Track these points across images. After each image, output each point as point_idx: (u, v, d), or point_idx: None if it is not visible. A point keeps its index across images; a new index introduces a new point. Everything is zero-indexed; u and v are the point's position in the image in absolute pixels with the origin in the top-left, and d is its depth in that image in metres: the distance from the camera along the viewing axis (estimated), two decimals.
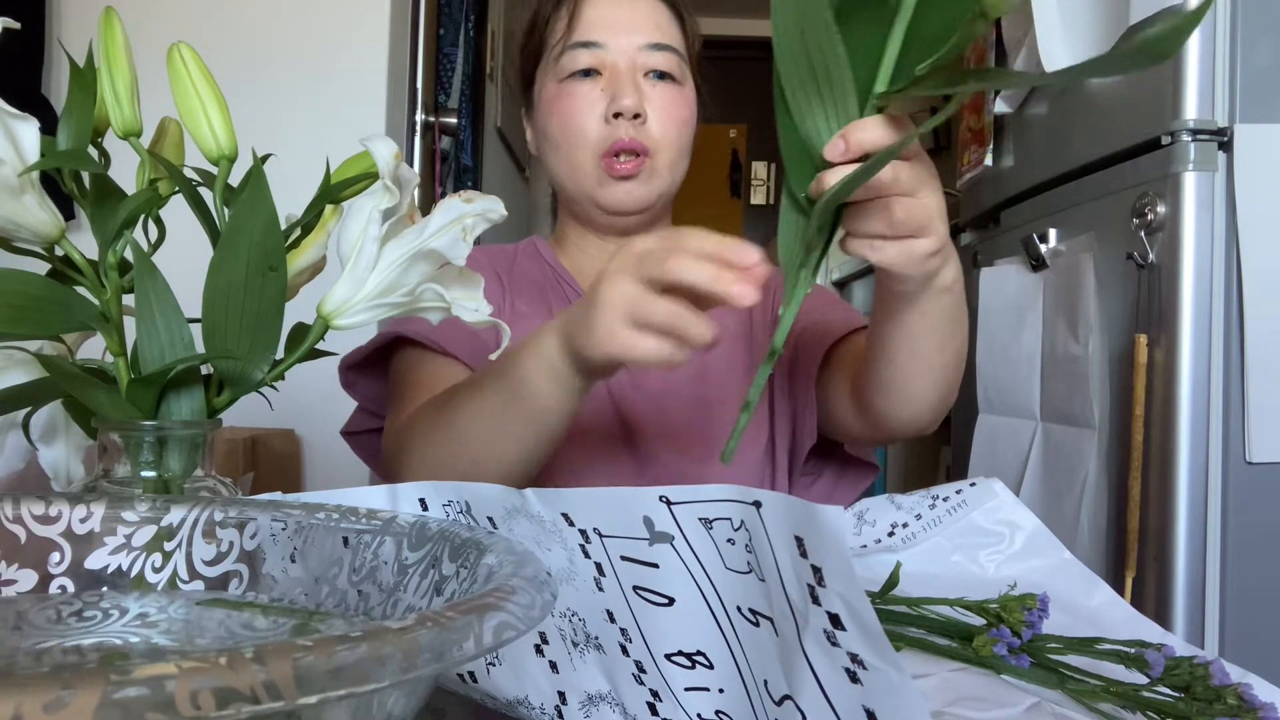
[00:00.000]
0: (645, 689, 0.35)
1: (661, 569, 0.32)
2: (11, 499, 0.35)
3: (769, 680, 0.30)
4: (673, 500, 0.31)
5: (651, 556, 0.32)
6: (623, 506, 0.32)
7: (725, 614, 0.31)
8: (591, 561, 0.34)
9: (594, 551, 0.34)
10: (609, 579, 0.34)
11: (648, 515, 0.31)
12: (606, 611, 0.35)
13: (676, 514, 0.31)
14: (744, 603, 0.30)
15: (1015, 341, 1.42)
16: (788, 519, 0.27)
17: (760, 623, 0.30)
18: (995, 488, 0.62)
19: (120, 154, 0.48)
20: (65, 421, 0.49)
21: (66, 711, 0.15)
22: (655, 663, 0.34)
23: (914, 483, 2.32)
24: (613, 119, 0.78)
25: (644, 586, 0.33)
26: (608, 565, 0.33)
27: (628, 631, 0.34)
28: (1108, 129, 1.22)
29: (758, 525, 0.28)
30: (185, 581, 0.36)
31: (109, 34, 0.45)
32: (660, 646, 0.34)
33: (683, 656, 0.33)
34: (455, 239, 0.44)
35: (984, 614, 0.47)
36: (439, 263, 0.45)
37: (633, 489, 0.32)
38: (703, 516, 0.30)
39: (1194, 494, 1.06)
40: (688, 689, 0.33)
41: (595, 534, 0.33)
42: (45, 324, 0.42)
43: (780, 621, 0.29)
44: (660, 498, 0.31)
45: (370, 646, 0.19)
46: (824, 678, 0.27)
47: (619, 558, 0.33)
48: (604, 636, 0.35)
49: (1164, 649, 0.42)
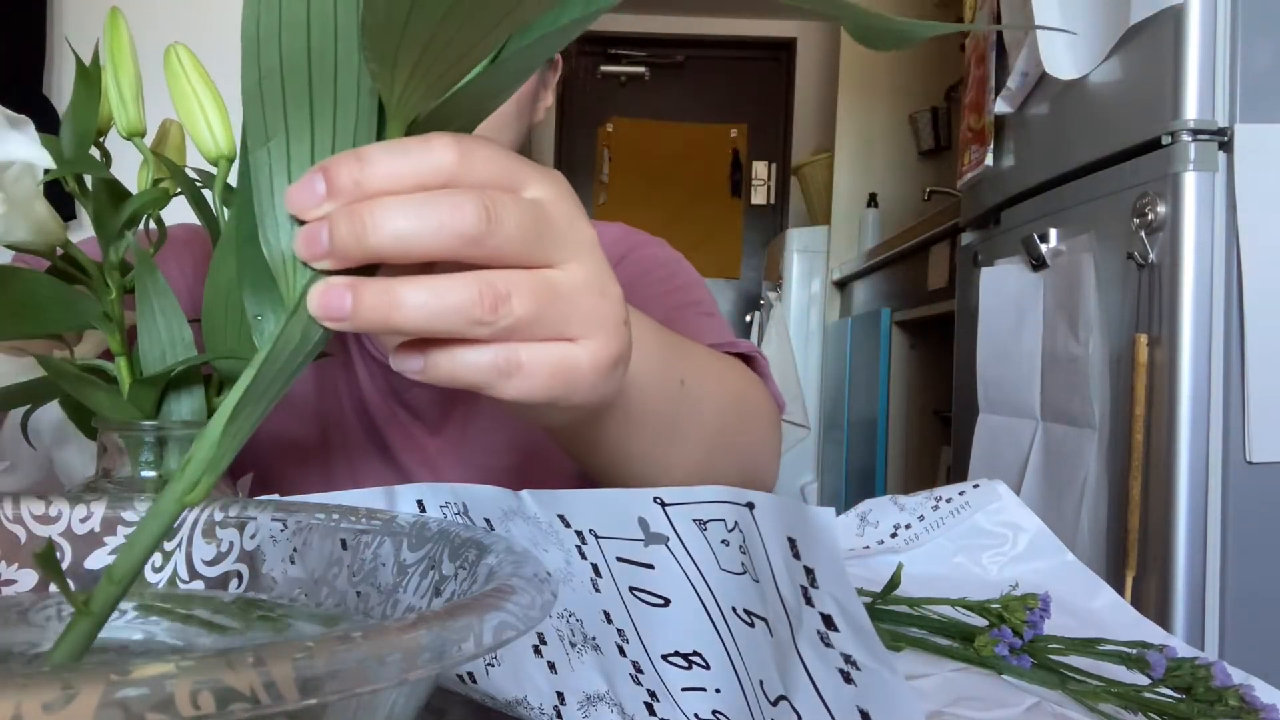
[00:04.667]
0: (643, 689, 0.35)
1: (657, 569, 0.32)
2: (11, 499, 0.35)
3: (764, 681, 0.30)
4: (667, 501, 0.31)
5: (647, 557, 0.32)
6: (618, 507, 0.32)
7: (721, 614, 0.31)
8: (588, 563, 0.34)
9: (590, 553, 0.34)
10: (605, 580, 0.34)
11: (643, 516, 0.31)
12: (603, 612, 0.35)
13: (671, 515, 0.31)
14: (739, 603, 0.30)
15: (1015, 341, 1.42)
16: (781, 520, 0.27)
17: (755, 623, 0.30)
18: (998, 489, 0.62)
19: (120, 154, 0.48)
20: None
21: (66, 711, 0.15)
22: (652, 663, 0.34)
23: (914, 482, 2.32)
24: None
25: (640, 587, 0.33)
26: (604, 566, 0.33)
27: (624, 632, 0.34)
28: (1108, 129, 1.22)
29: (751, 526, 0.28)
30: (185, 581, 0.36)
31: (115, 34, 0.45)
32: (657, 647, 0.34)
33: (679, 657, 0.33)
34: None
35: (985, 614, 0.47)
36: None
37: (628, 490, 0.31)
38: (697, 518, 0.30)
39: (1194, 494, 1.06)
40: (685, 689, 0.33)
41: (591, 535, 0.33)
42: (46, 323, 0.42)
43: (774, 622, 0.29)
44: (655, 499, 0.31)
45: (370, 646, 0.19)
46: (818, 679, 0.27)
47: (615, 559, 0.33)
48: (601, 637, 0.35)
49: (1165, 650, 0.42)
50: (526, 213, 0.27)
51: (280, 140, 0.26)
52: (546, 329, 0.28)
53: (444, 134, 0.26)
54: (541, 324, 0.28)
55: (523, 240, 0.27)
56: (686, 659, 0.33)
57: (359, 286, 0.25)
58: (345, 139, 0.26)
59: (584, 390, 0.30)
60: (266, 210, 0.27)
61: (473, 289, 0.26)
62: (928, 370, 2.37)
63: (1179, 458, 1.07)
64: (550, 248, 0.28)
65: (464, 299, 0.26)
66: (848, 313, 2.88)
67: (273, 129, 0.26)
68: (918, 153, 3.07)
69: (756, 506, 0.28)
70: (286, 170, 0.26)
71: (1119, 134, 1.19)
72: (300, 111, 0.26)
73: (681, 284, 0.72)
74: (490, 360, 0.28)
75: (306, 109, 0.26)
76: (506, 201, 0.26)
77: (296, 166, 0.26)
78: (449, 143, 0.26)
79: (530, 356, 0.28)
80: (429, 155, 0.26)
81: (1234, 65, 1.06)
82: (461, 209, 0.25)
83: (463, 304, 0.26)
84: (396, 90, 0.25)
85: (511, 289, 0.27)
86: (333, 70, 0.26)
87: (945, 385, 1.88)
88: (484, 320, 0.26)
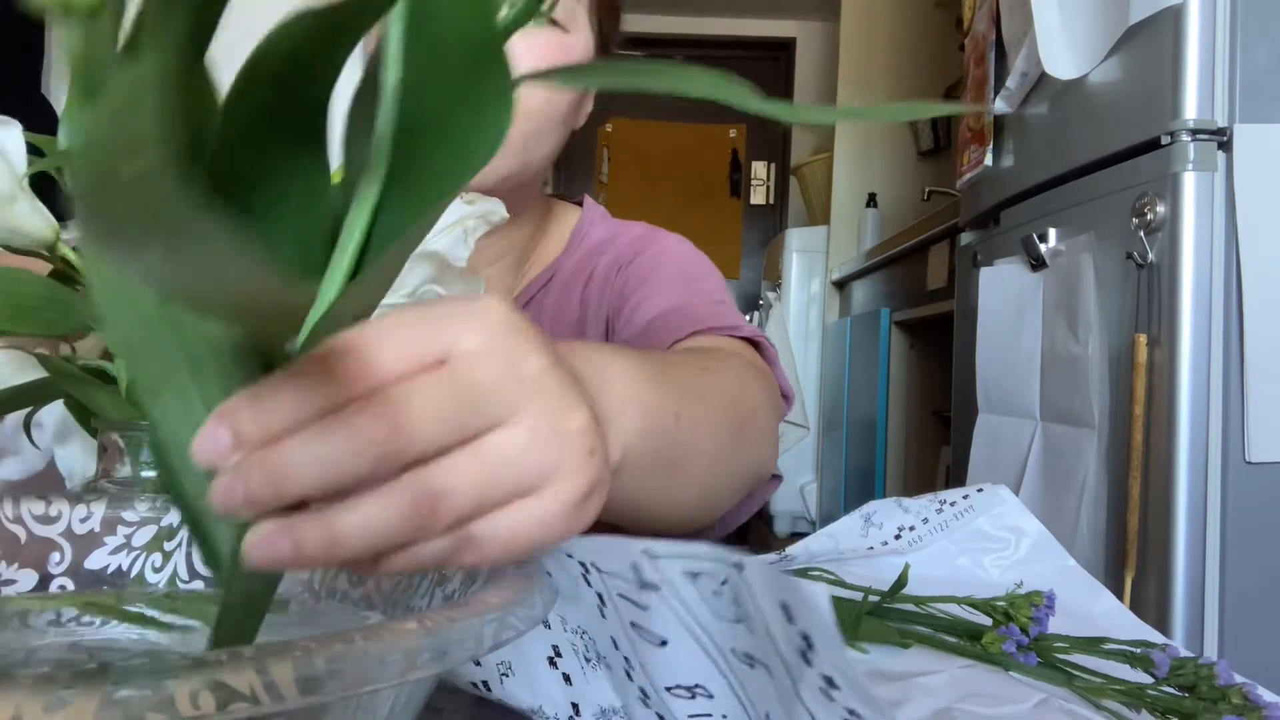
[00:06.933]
0: (652, 712, 0.35)
1: (651, 612, 0.32)
2: (12, 499, 0.35)
3: (770, 714, 0.30)
4: (655, 555, 0.30)
5: (643, 599, 0.32)
6: (614, 550, 0.32)
7: (721, 655, 0.31)
8: (593, 590, 0.34)
9: (594, 583, 0.34)
10: (610, 609, 0.34)
11: (635, 563, 0.31)
12: (611, 638, 0.35)
13: (661, 567, 0.31)
14: (739, 647, 0.30)
15: (1015, 341, 1.42)
16: (772, 584, 0.27)
17: (755, 666, 0.30)
18: (1002, 494, 0.62)
19: None
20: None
21: (67, 712, 0.15)
22: (658, 693, 0.34)
23: (914, 483, 2.32)
24: None
25: (639, 624, 0.33)
26: (607, 597, 0.34)
27: (630, 660, 0.34)
28: (1107, 129, 1.22)
29: (741, 585, 0.28)
30: (185, 581, 0.35)
31: None
32: (660, 680, 0.34)
33: (682, 689, 0.33)
34: (457, 241, 0.44)
35: (992, 612, 0.47)
36: (441, 265, 0.45)
37: (617, 539, 0.31)
38: (687, 570, 0.30)
39: (1193, 494, 1.06)
40: (691, 716, 0.34)
41: (594, 568, 0.33)
42: (45, 324, 0.42)
43: (775, 670, 0.29)
44: (643, 551, 0.30)
45: (370, 646, 0.19)
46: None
47: (616, 595, 0.33)
48: (611, 659, 0.36)
49: (1169, 649, 0.42)
50: (445, 392, 0.25)
51: (169, 395, 0.25)
52: (499, 497, 0.26)
53: (336, 339, 0.24)
54: (490, 498, 0.26)
55: (446, 424, 0.25)
56: (690, 690, 0.33)
57: (296, 529, 0.23)
58: (234, 381, 0.25)
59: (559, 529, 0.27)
60: (178, 465, 0.25)
61: (404, 500, 0.24)
62: (927, 370, 2.37)
63: (1178, 458, 1.07)
64: (484, 413, 0.26)
65: (400, 513, 0.24)
66: (847, 313, 2.88)
67: (157, 386, 0.25)
68: (917, 153, 3.07)
69: (745, 567, 0.28)
70: (188, 423, 0.24)
71: (1118, 134, 1.19)
72: (176, 368, 0.25)
73: (694, 274, 0.72)
74: (442, 548, 0.25)
75: (182, 363, 0.25)
76: (417, 392, 0.24)
77: (195, 419, 0.24)
78: (345, 351, 0.24)
79: (483, 530, 0.26)
80: (329, 374, 0.23)
81: (1233, 65, 1.06)
82: (367, 428, 0.23)
83: (401, 518, 0.24)
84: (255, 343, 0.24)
85: (447, 484, 0.25)
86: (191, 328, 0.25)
87: (944, 385, 1.88)
88: (427, 525, 0.24)
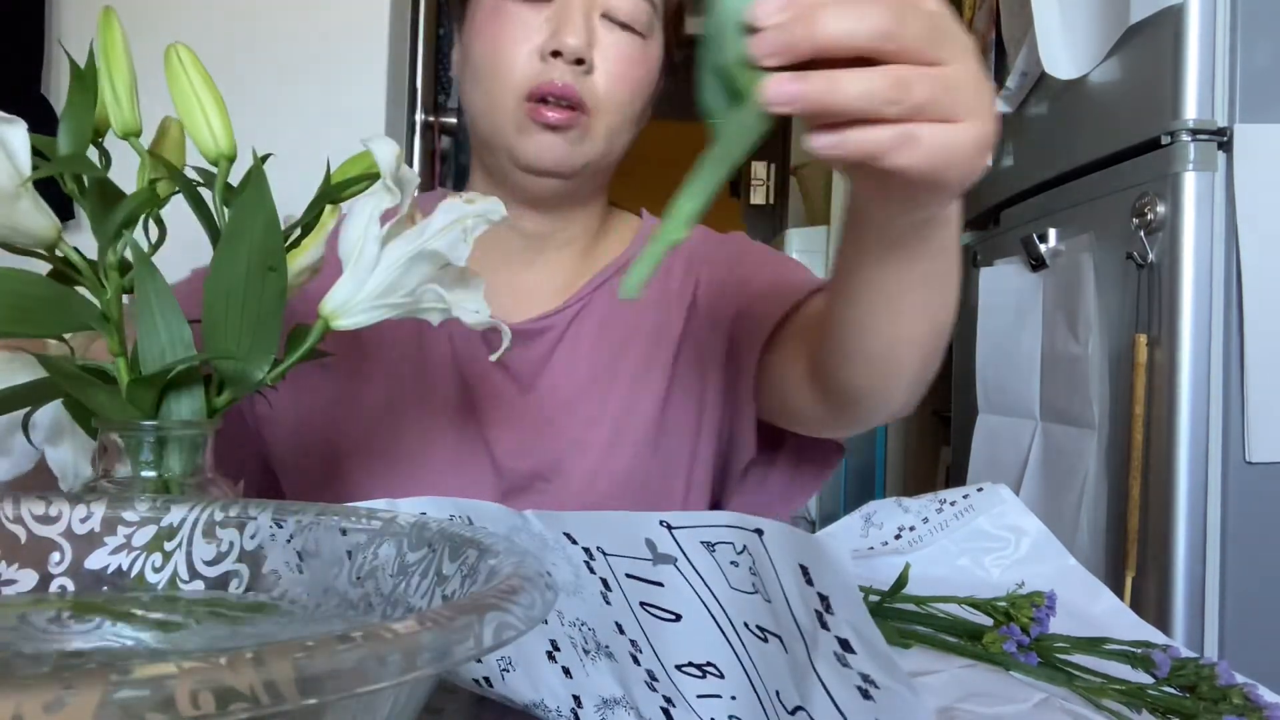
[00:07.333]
0: (659, 695, 0.35)
1: (666, 587, 0.32)
2: (12, 499, 0.35)
3: (780, 691, 0.30)
4: (673, 525, 0.31)
5: (656, 576, 0.32)
6: (624, 529, 0.32)
7: (734, 629, 0.31)
8: (597, 576, 0.34)
9: (599, 568, 0.34)
10: (615, 594, 0.34)
11: (649, 538, 0.31)
12: (615, 624, 0.35)
13: (678, 537, 0.31)
14: (751, 620, 0.30)
15: (1015, 341, 1.42)
16: (791, 547, 0.27)
17: (769, 639, 0.30)
18: (1002, 493, 0.62)
19: (121, 153, 0.47)
20: (71, 422, 0.49)
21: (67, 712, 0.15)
22: (667, 673, 0.34)
23: (914, 483, 2.32)
24: (550, 57, 0.63)
25: (650, 603, 0.33)
26: (613, 581, 0.34)
27: (637, 643, 0.34)
28: (1107, 129, 1.22)
29: (761, 551, 0.28)
30: (185, 581, 0.35)
31: (108, 34, 0.45)
32: (670, 658, 0.34)
33: (693, 667, 0.33)
34: (456, 240, 0.44)
35: (992, 612, 0.47)
36: (440, 264, 0.45)
37: (633, 513, 0.32)
38: (704, 540, 0.30)
39: (1193, 494, 1.06)
40: (700, 696, 0.33)
41: (599, 552, 0.33)
42: (45, 324, 0.42)
43: (789, 640, 0.29)
44: (660, 522, 0.31)
45: (370, 646, 0.19)
46: (836, 694, 0.28)
47: (624, 575, 0.33)
48: (614, 646, 0.36)
49: (1169, 650, 0.42)
50: (925, 21, 0.34)
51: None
52: (938, 112, 0.35)
53: None
54: (935, 107, 0.34)
55: (922, 41, 0.34)
56: (701, 669, 0.33)
57: (806, 77, 0.33)
58: None
59: (961, 165, 0.37)
60: (723, 28, 0.34)
61: (888, 76, 0.33)
62: None
63: (1178, 458, 1.07)
64: (942, 49, 0.35)
65: (881, 84, 0.33)
66: None
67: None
68: None
69: (765, 533, 0.28)
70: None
71: (1118, 134, 1.19)
72: None
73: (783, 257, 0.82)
74: (891, 134, 0.34)
75: None
76: (910, 10, 0.34)
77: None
78: None
79: (923, 132, 0.35)
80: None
81: (1233, 65, 1.06)
82: (880, 13, 0.33)
83: (880, 88, 0.33)
84: None
85: (914, 79, 0.34)
86: None
87: (944, 385, 1.87)
88: (894, 100, 0.33)
